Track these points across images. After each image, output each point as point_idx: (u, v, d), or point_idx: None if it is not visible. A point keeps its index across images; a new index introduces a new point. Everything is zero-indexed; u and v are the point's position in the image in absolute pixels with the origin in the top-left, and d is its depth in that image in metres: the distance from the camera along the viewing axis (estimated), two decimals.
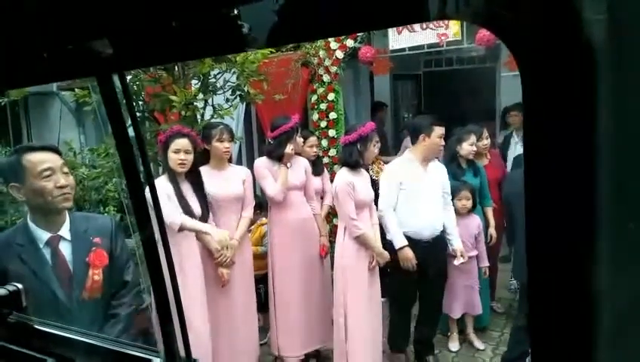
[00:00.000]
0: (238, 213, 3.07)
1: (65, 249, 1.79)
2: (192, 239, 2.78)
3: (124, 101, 0.89)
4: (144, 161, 1.08)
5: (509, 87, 5.77)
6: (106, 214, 3.62)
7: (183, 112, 3.61)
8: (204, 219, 2.81)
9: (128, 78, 3.82)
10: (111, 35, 0.68)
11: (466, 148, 3.54)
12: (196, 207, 2.76)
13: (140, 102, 3.96)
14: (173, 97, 3.52)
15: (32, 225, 1.76)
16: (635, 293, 0.45)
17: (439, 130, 3.03)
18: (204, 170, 2.98)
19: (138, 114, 3.92)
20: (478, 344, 3.60)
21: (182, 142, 2.68)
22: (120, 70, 0.85)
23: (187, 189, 2.77)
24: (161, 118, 3.87)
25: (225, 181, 3.03)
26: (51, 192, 1.72)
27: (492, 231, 3.67)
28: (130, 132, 0.99)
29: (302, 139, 3.29)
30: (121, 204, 3.43)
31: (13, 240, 1.75)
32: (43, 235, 1.76)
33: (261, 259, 3.58)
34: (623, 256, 0.45)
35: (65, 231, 1.80)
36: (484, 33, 4.05)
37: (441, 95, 7.86)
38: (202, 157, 3.01)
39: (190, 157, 2.72)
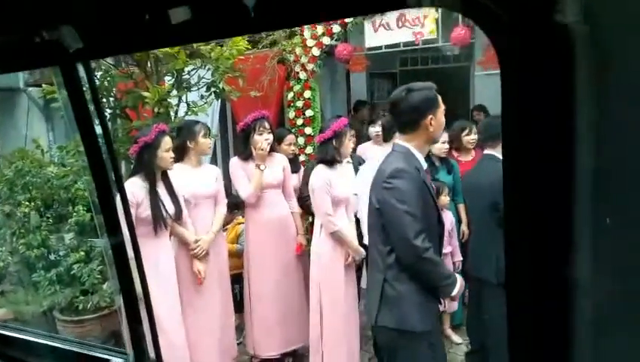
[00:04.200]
0: (212, 210, 3.07)
1: None
2: (165, 239, 2.74)
3: (90, 94, 0.85)
4: (112, 158, 1.04)
5: (483, 86, 5.86)
6: (75, 214, 3.52)
7: (156, 109, 3.53)
8: (177, 216, 2.78)
9: (98, 74, 3.72)
10: (75, 22, 0.64)
11: (438, 146, 3.56)
12: (170, 205, 2.74)
13: (111, 99, 3.87)
14: (146, 93, 3.44)
15: (417, 154, 2.06)
16: (614, 288, 0.45)
17: None
18: (180, 168, 2.94)
19: (109, 111, 3.83)
20: (456, 338, 3.64)
21: (169, 141, 2.72)
22: (85, 59, 0.81)
23: (162, 188, 2.75)
24: (134, 114, 3.78)
25: (201, 179, 3.03)
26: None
27: (464, 227, 3.70)
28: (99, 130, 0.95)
29: (266, 137, 3.14)
30: (92, 204, 3.33)
31: (410, 166, 2.01)
32: (424, 163, 2.08)
33: (237, 257, 3.54)
34: (601, 251, 0.44)
35: None
36: (458, 32, 4.10)
37: None
38: (180, 154, 2.99)
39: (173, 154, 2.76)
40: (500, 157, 2.67)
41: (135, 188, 2.60)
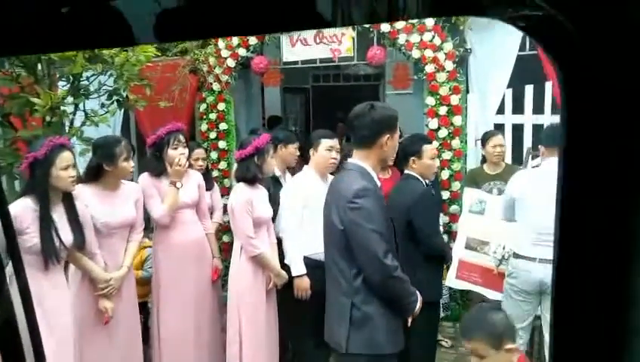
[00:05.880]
0: (126, 238, 2.72)
1: None
2: (57, 274, 2.33)
3: None
4: None
5: (393, 104, 6.04)
6: None
7: (47, 117, 3.10)
8: (77, 247, 2.39)
9: None
10: None
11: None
12: (67, 234, 2.33)
13: None
14: (36, 100, 3.00)
15: (372, 172, 2.05)
16: None
17: (326, 143, 2.95)
18: (92, 192, 2.57)
19: None
20: None
21: (69, 157, 2.30)
22: None
23: (60, 213, 2.33)
24: (19, 123, 3.29)
25: (117, 205, 2.65)
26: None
27: None
28: None
29: (181, 151, 2.88)
30: None
31: (370, 184, 1.99)
32: (378, 182, 2.08)
33: (141, 285, 3.19)
34: None
35: None
36: (374, 52, 4.16)
37: (329, 109, 8.03)
38: (93, 176, 2.62)
39: (75, 173, 2.35)
40: (418, 176, 2.62)
41: (21, 211, 2.17)
